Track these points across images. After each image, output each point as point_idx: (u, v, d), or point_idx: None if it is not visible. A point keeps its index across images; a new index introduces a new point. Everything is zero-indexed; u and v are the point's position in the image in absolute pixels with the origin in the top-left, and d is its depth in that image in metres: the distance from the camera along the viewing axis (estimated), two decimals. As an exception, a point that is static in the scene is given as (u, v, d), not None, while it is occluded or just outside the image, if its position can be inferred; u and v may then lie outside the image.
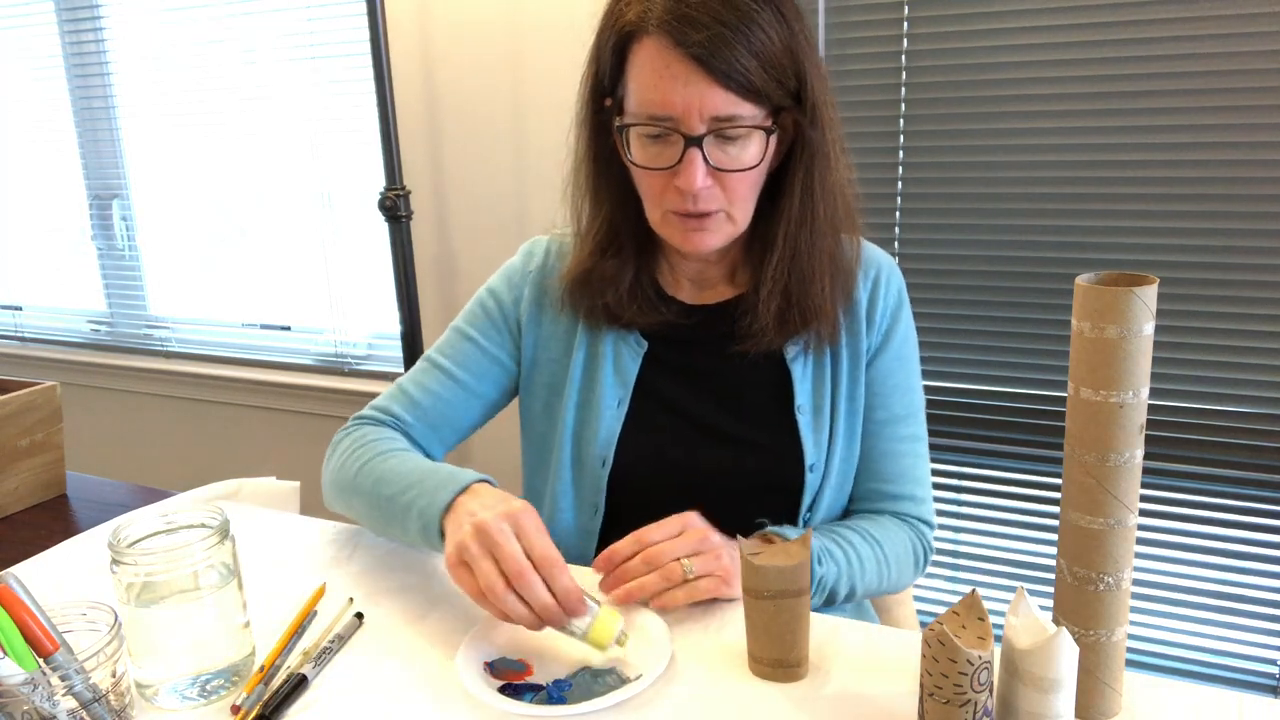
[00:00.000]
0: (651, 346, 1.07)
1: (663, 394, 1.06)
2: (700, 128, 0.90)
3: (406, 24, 1.98)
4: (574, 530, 1.07)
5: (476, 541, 0.80)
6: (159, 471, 2.67)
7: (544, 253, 1.12)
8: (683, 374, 1.06)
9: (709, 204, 0.94)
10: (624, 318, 1.05)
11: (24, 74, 2.62)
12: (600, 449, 1.04)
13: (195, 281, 2.55)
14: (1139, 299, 0.66)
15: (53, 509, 1.27)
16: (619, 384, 1.06)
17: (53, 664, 0.68)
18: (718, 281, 1.08)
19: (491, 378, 1.11)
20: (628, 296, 1.05)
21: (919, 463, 1.09)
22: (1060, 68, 1.58)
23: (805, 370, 1.04)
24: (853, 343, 1.05)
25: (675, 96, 0.89)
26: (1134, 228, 1.60)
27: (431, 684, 0.81)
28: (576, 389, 1.07)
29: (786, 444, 1.03)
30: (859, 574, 0.99)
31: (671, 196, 0.95)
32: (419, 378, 1.11)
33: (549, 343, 1.10)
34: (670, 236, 0.99)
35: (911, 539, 1.07)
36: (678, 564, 0.86)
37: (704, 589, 0.87)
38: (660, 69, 0.89)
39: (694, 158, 0.91)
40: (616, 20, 0.93)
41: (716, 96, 0.88)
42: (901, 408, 1.07)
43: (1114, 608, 0.71)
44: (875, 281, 1.06)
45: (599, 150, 1.02)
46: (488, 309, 1.12)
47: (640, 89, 0.92)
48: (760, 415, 1.04)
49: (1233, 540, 1.67)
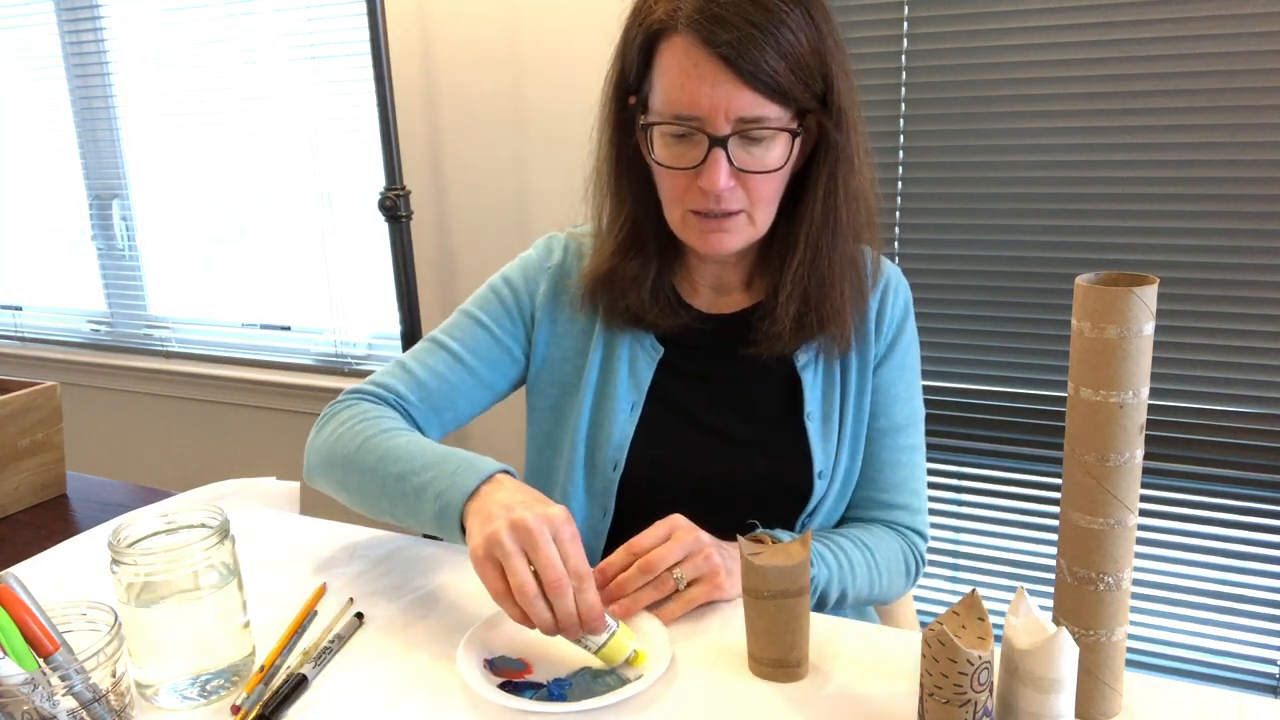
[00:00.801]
0: (667, 352, 1.06)
1: (676, 400, 1.05)
2: (726, 128, 0.89)
3: (406, 24, 1.99)
4: (584, 530, 1.07)
5: (513, 539, 0.76)
6: (159, 471, 2.67)
7: (563, 250, 1.11)
8: (696, 380, 1.06)
9: (731, 204, 0.93)
10: (646, 319, 1.04)
11: (24, 74, 2.62)
12: (613, 452, 1.04)
13: (195, 281, 2.55)
14: (1139, 299, 0.66)
15: (53, 509, 1.27)
16: (634, 388, 1.05)
17: (53, 664, 0.68)
18: (734, 289, 1.07)
19: (501, 367, 1.09)
20: (650, 298, 1.04)
21: (916, 473, 1.09)
22: (1060, 68, 1.58)
23: (816, 378, 1.04)
24: (861, 350, 1.05)
25: (702, 96, 0.88)
26: (1134, 228, 1.60)
27: (431, 684, 0.81)
28: (592, 390, 1.06)
29: (796, 451, 1.02)
30: (850, 578, 0.99)
31: (694, 196, 0.94)
32: (424, 358, 1.07)
33: (562, 340, 1.09)
34: (689, 238, 0.98)
35: (904, 548, 1.07)
36: (669, 574, 0.86)
37: (696, 597, 0.87)
38: (688, 68, 0.89)
39: (718, 158, 0.90)
40: (644, 18, 0.93)
41: (743, 97, 0.88)
42: (903, 417, 1.07)
43: (1114, 608, 0.71)
44: (884, 291, 1.06)
45: (622, 150, 1.01)
46: (502, 296, 1.09)
47: (667, 88, 0.91)
48: (771, 422, 1.04)
49: (1233, 540, 1.67)
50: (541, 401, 1.10)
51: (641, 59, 0.94)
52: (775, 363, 1.03)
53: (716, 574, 0.87)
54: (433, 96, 2.02)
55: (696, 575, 0.87)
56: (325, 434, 1.02)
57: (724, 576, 0.88)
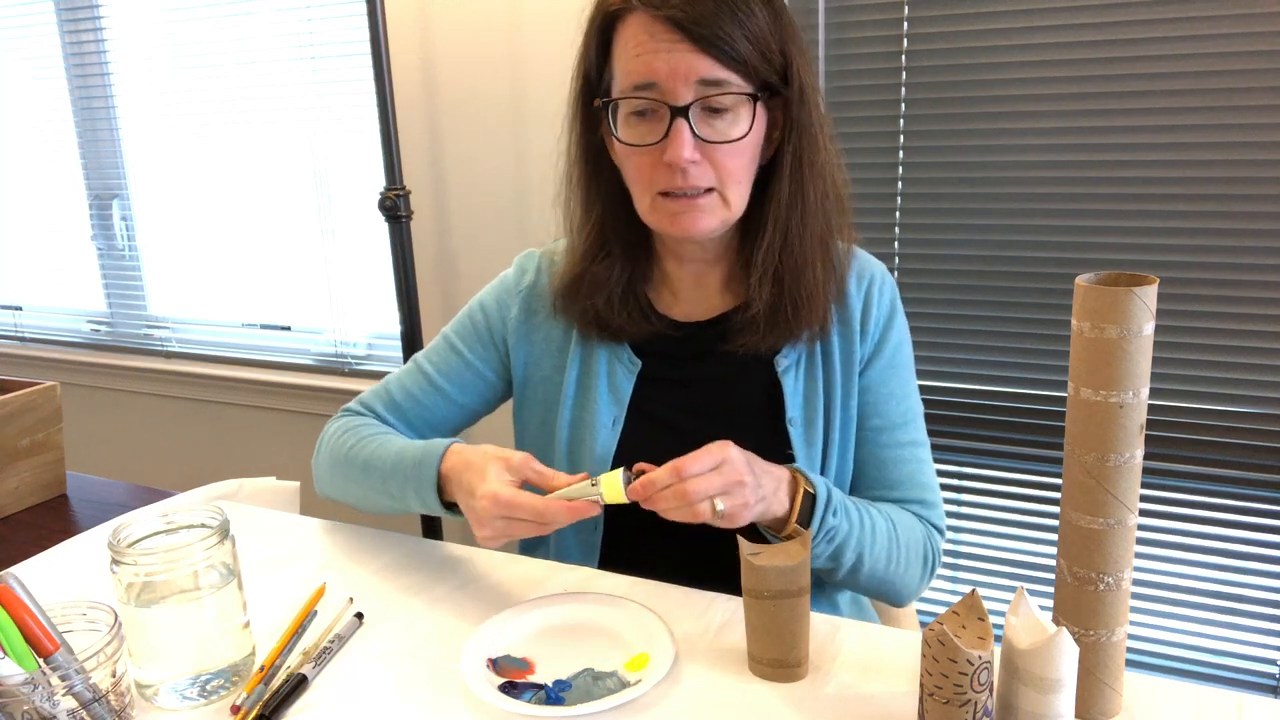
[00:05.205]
0: (645, 365, 1.06)
1: (657, 412, 1.05)
2: (686, 95, 0.90)
3: (406, 24, 1.98)
4: (575, 544, 1.07)
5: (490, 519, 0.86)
6: (159, 471, 2.66)
7: (535, 269, 1.12)
8: (675, 390, 1.05)
9: (699, 180, 0.93)
10: (613, 325, 1.04)
11: (24, 74, 2.62)
12: (597, 467, 1.03)
13: (195, 281, 2.55)
14: (1139, 299, 0.66)
15: (53, 509, 1.27)
16: (614, 402, 1.05)
17: (53, 664, 0.68)
18: (713, 292, 1.06)
19: (475, 390, 1.13)
20: (619, 303, 1.04)
21: (923, 468, 1.08)
22: (1060, 68, 1.58)
23: (797, 384, 1.03)
24: (846, 350, 1.04)
25: (659, 62, 0.89)
26: (1134, 228, 1.60)
27: (431, 684, 0.81)
28: (570, 406, 1.07)
29: (780, 457, 1.01)
30: (869, 542, 0.96)
31: (661, 175, 0.93)
32: (404, 379, 1.14)
33: (541, 359, 1.10)
34: (660, 223, 0.97)
35: (925, 534, 1.05)
36: (709, 503, 0.83)
37: (721, 524, 0.85)
38: (644, 40, 0.90)
39: (681, 128, 0.90)
40: (600, 7, 0.96)
41: (700, 62, 0.89)
42: (898, 415, 1.06)
43: (1114, 608, 0.71)
44: (869, 290, 1.05)
45: (588, 151, 1.02)
46: (475, 323, 1.13)
47: (625, 62, 0.93)
48: (752, 429, 1.03)
49: (1233, 540, 1.67)
50: (529, 421, 1.12)
51: (600, 47, 0.96)
52: (756, 369, 1.03)
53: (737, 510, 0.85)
54: (433, 96, 2.02)
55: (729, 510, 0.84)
56: (321, 455, 1.13)
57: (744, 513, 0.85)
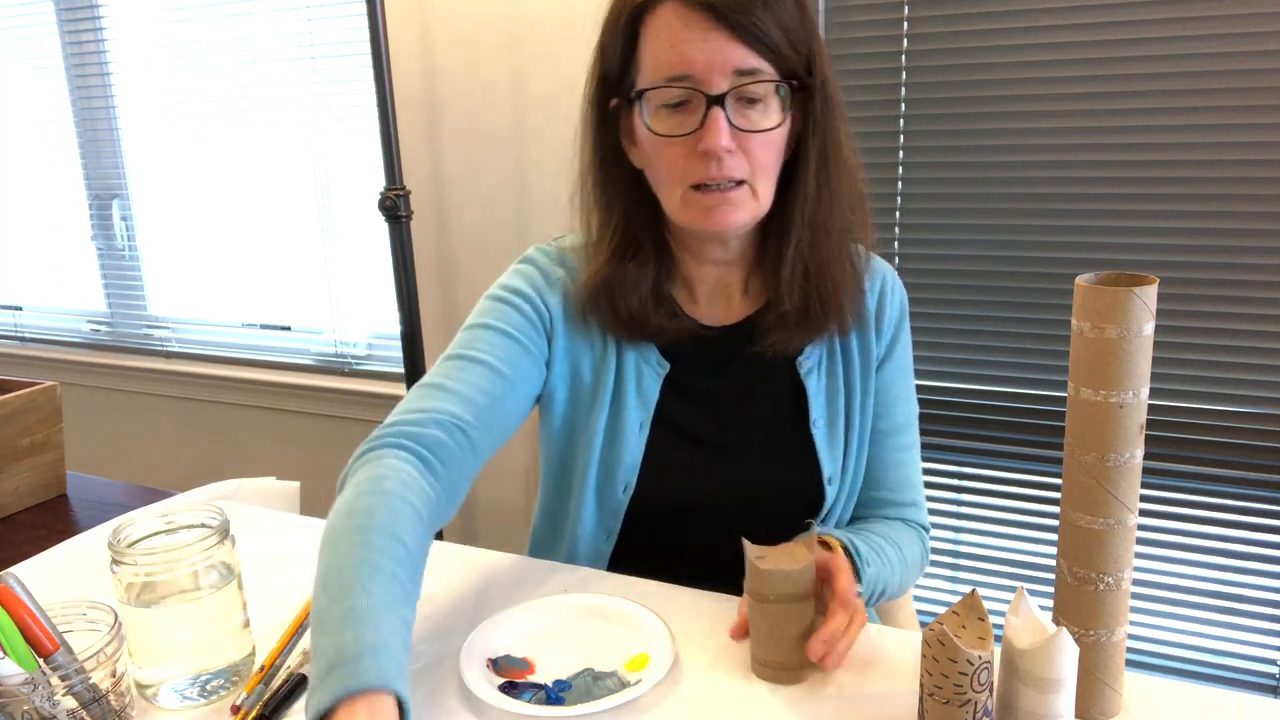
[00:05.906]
0: (673, 368, 1.03)
1: (682, 416, 1.03)
2: (722, 84, 0.89)
3: (406, 24, 1.98)
4: (590, 551, 1.06)
5: None
6: (159, 471, 2.66)
7: (559, 263, 1.05)
8: (701, 394, 1.04)
9: (733, 170, 0.91)
10: (649, 326, 1.01)
11: (24, 74, 2.62)
12: (625, 473, 1.02)
13: (195, 281, 2.55)
14: (1139, 299, 0.66)
15: (53, 509, 1.27)
16: (641, 406, 1.03)
17: (53, 664, 0.68)
18: (734, 293, 1.05)
19: (533, 377, 1.01)
20: (652, 302, 1.01)
21: (917, 470, 1.10)
22: (1060, 68, 1.58)
23: (820, 384, 1.03)
24: (864, 350, 1.04)
25: (695, 52, 0.88)
26: (1134, 228, 1.60)
27: (431, 684, 0.81)
28: (606, 412, 1.03)
29: (805, 460, 1.02)
30: (890, 576, 1.00)
31: (694, 167, 0.91)
32: (461, 375, 0.95)
33: (572, 357, 1.04)
34: (693, 218, 0.94)
35: (921, 546, 1.08)
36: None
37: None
38: (678, 30, 0.89)
39: (717, 116, 0.89)
40: (625, 5, 0.94)
41: (736, 50, 0.88)
42: (903, 417, 1.08)
43: (1114, 608, 0.71)
44: (882, 291, 1.06)
45: (606, 152, 1.00)
46: (518, 306, 1.01)
47: (657, 54, 0.91)
48: (776, 433, 1.03)
49: (1233, 540, 1.67)
50: (552, 420, 1.06)
51: (626, 44, 0.94)
52: (779, 372, 1.03)
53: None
54: (433, 96, 2.02)
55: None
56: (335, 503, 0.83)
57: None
